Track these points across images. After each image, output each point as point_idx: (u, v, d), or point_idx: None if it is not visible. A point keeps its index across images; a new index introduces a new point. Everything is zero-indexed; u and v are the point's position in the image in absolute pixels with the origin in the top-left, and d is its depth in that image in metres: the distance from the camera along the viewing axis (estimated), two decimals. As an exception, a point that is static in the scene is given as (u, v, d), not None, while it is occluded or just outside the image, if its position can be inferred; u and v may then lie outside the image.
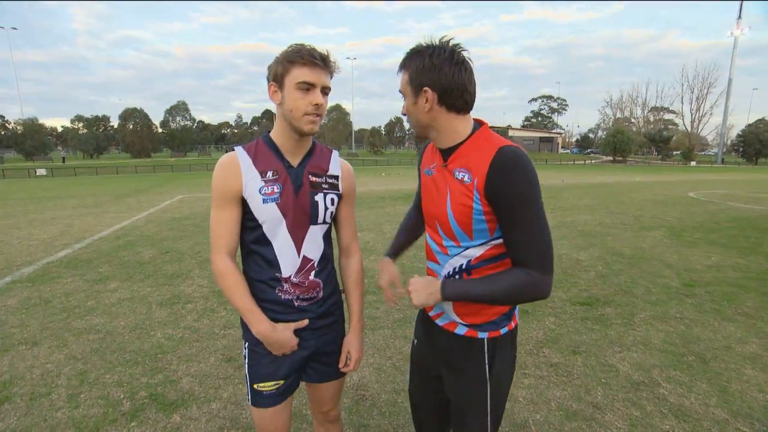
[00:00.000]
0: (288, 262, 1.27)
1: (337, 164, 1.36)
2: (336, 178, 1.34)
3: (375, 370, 2.83)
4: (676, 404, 2.41)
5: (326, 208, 1.30)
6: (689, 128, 66.10)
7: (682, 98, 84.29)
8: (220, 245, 1.24)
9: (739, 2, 56.24)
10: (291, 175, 1.25)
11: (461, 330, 1.26)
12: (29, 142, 61.73)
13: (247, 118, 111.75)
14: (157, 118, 76.58)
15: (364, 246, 6.37)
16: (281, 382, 1.33)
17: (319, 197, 1.28)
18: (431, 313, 1.36)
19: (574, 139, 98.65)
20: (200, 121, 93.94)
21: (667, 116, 75.03)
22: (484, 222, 1.11)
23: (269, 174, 1.23)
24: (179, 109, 76.31)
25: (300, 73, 1.15)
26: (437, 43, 1.11)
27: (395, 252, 1.52)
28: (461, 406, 1.31)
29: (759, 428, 2.20)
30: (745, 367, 2.83)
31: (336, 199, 1.34)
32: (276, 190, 1.22)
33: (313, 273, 1.31)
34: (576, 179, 22.36)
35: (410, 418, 1.79)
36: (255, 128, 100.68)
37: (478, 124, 1.18)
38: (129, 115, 69.47)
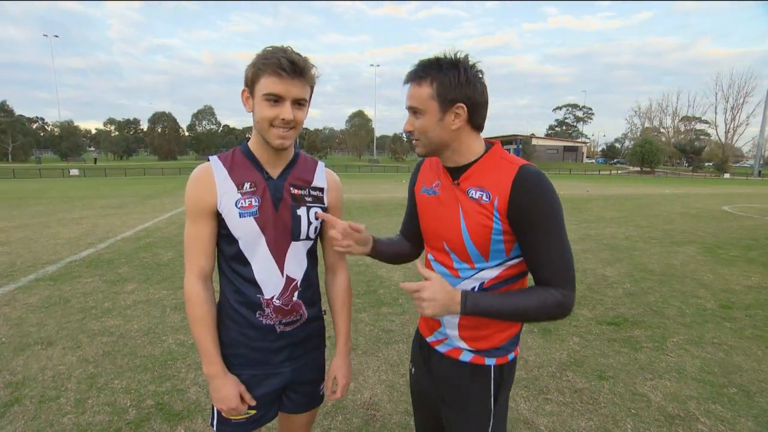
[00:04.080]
0: (270, 282, 1.17)
1: (322, 176, 1.26)
2: (321, 190, 1.24)
3: (388, 387, 2.71)
4: (716, 443, 2.19)
5: (309, 223, 1.21)
6: (723, 139, 63.59)
7: (715, 108, 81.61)
8: (192, 265, 1.16)
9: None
10: (270, 188, 1.16)
11: (466, 356, 1.17)
12: (65, 143, 64.78)
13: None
14: (184, 121, 79.20)
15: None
16: (252, 412, 1.22)
17: (301, 211, 1.19)
18: (430, 339, 1.26)
19: (599, 149, 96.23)
20: (225, 125, 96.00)
21: (699, 126, 72.36)
22: (501, 242, 1.07)
23: (246, 186, 1.13)
24: (206, 113, 78.63)
25: (267, 84, 1.04)
26: (459, 56, 1.04)
27: (379, 243, 1.29)
28: None
29: (814, 476, 1.97)
30: (795, 403, 2.56)
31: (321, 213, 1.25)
32: (254, 203, 1.13)
33: (296, 294, 1.21)
34: (601, 190, 21.70)
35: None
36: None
37: (489, 143, 1.14)
38: (158, 118, 72.06)
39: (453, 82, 1.01)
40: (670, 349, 3.30)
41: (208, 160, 1.17)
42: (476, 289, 1.12)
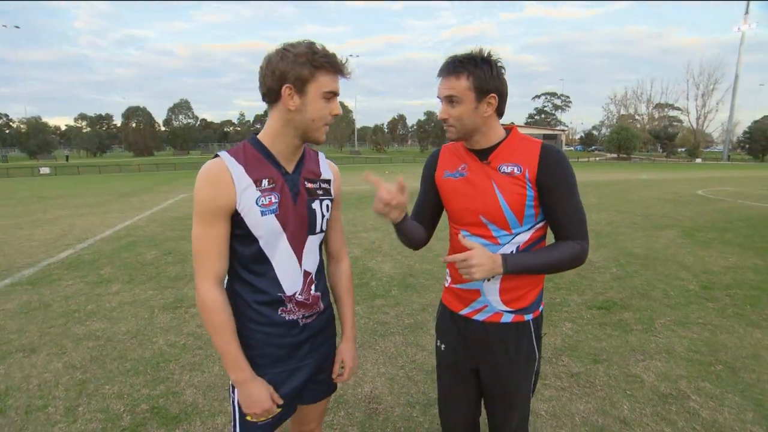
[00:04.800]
0: (291, 278, 1.16)
1: (326, 167, 1.26)
2: (328, 182, 1.24)
3: (387, 380, 2.70)
4: (709, 420, 2.27)
5: (323, 216, 1.21)
6: (695, 125, 65.61)
7: (687, 95, 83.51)
8: (207, 270, 1.08)
9: (746, -2, 55.64)
10: (288, 183, 1.13)
11: (508, 318, 1.31)
12: (33, 140, 61.95)
13: (249, 116, 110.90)
14: (159, 116, 76.62)
15: (370, 246, 6.23)
16: (278, 410, 1.20)
17: (315, 205, 1.18)
18: (465, 311, 1.36)
19: (578, 136, 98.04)
20: (203, 120, 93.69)
21: (672, 113, 74.35)
22: (532, 208, 1.24)
23: (264, 183, 1.09)
24: (182, 107, 76.25)
25: (327, 82, 1.06)
26: (486, 53, 1.18)
27: (407, 217, 1.32)
28: (510, 389, 1.35)
29: (801, 447, 2.06)
30: (778, 377, 2.68)
31: (330, 205, 1.24)
32: (274, 200, 1.10)
33: (313, 287, 1.22)
34: (581, 177, 22.03)
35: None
36: (258, 126, 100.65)
37: (507, 128, 1.32)
38: (132, 113, 69.59)
39: (487, 76, 1.16)
40: (658, 330, 3.40)
41: (218, 156, 1.10)
42: (513, 252, 1.27)
